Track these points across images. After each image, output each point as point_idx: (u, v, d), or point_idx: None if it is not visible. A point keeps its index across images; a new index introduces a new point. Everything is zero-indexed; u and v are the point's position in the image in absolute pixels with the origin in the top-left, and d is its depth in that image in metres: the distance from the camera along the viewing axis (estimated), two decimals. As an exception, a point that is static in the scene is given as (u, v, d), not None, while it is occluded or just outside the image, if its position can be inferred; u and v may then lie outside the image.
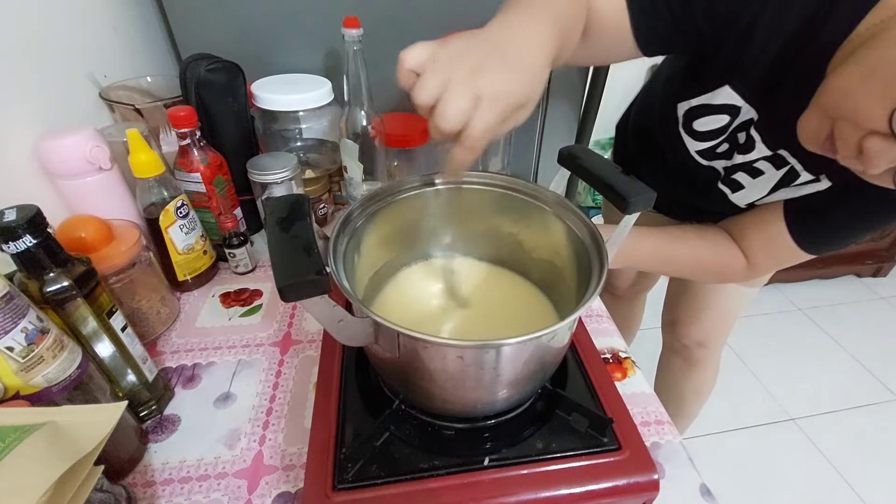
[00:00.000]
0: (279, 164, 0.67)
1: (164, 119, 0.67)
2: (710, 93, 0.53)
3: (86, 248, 0.49)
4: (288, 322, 0.62)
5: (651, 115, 0.67)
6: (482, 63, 0.34)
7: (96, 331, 0.43)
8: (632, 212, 0.40)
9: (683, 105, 0.57)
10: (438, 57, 0.34)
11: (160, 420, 0.50)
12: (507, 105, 0.34)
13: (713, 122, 0.55)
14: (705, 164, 0.61)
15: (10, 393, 0.36)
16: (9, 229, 0.36)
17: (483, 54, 0.34)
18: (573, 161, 0.45)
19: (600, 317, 0.64)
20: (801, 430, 1.39)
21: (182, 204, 0.59)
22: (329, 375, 0.47)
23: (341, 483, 0.38)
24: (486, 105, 0.33)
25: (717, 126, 0.55)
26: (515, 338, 0.34)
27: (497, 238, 0.54)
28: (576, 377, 0.49)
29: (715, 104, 0.54)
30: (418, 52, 0.35)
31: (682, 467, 0.47)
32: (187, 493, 0.44)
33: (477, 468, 0.40)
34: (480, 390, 0.40)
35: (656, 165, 0.70)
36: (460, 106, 0.32)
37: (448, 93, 0.33)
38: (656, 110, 0.64)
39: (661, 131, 0.64)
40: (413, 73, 0.35)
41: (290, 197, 0.38)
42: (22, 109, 0.55)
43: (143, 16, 0.83)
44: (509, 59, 0.35)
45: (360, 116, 0.70)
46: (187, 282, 0.65)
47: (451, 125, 0.33)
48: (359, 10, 0.80)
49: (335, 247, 0.41)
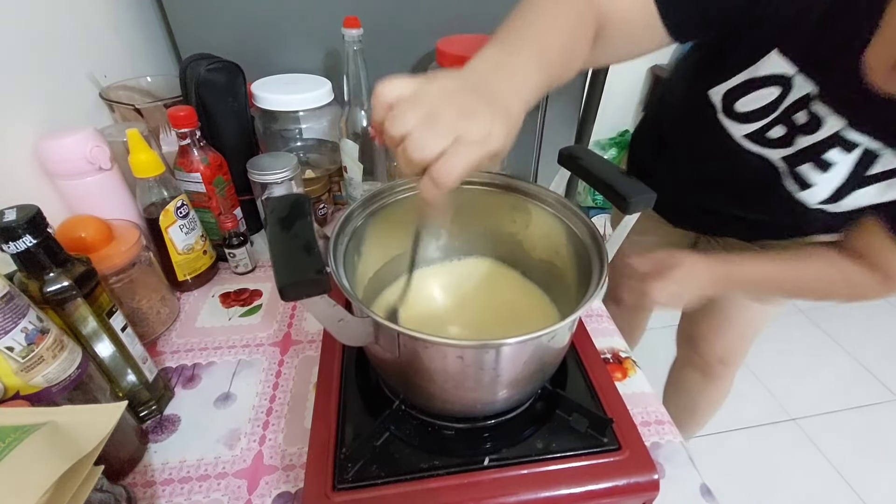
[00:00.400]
0: (279, 164, 0.67)
1: (164, 119, 0.67)
2: (753, 66, 0.49)
3: (86, 248, 0.49)
4: (288, 322, 0.62)
5: (676, 113, 0.63)
6: (470, 107, 0.33)
7: (96, 331, 0.43)
8: (632, 212, 0.40)
9: (719, 89, 0.53)
10: (422, 94, 0.33)
11: (160, 420, 0.50)
12: (487, 152, 0.33)
13: (759, 99, 0.50)
14: (756, 152, 0.54)
15: (10, 393, 0.36)
16: (9, 229, 0.36)
17: (471, 98, 0.33)
18: (573, 161, 0.45)
19: (600, 317, 0.64)
20: (802, 429, 1.39)
21: (182, 204, 0.59)
22: (329, 375, 0.47)
23: (341, 483, 0.38)
24: (467, 148, 0.32)
25: (765, 102, 0.50)
26: (515, 338, 0.34)
27: (497, 238, 0.54)
28: (576, 377, 0.48)
29: (760, 77, 0.49)
30: (398, 87, 0.33)
31: (683, 467, 0.47)
32: (187, 493, 0.44)
33: (477, 468, 0.40)
34: (480, 390, 0.40)
35: (681, 166, 0.66)
36: (440, 141, 0.31)
37: (428, 127, 0.31)
38: (684, 106, 0.60)
39: (693, 125, 0.59)
40: (389, 106, 0.33)
41: (290, 196, 0.38)
42: (22, 109, 0.55)
43: (143, 16, 0.83)
44: (496, 108, 0.34)
45: (360, 116, 0.70)
46: (187, 282, 0.65)
47: (425, 155, 0.31)
48: (359, 10, 0.80)
49: (335, 247, 0.41)
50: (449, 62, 0.74)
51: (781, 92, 0.49)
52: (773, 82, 0.49)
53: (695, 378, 0.96)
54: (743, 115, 0.52)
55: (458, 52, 0.72)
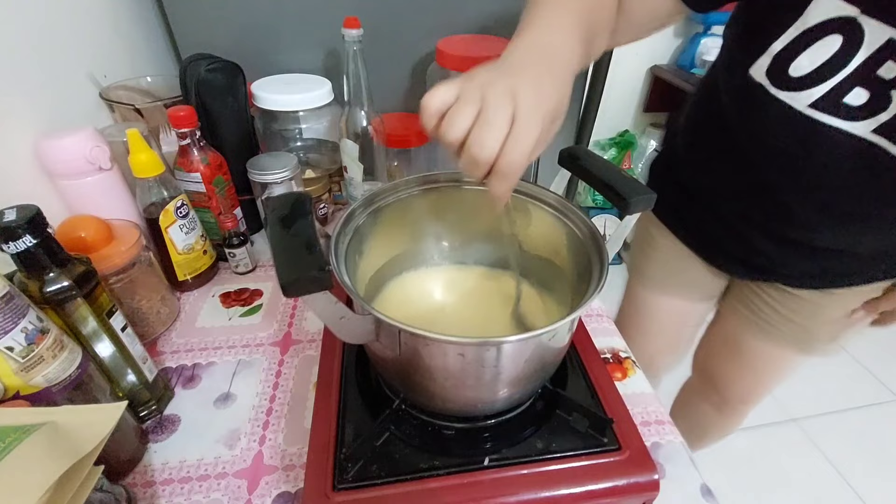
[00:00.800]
0: (279, 163, 0.67)
1: (164, 119, 0.67)
2: (800, 18, 0.40)
3: (86, 248, 0.49)
4: (288, 322, 0.62)
5: (721, 107, 0.53)
6: (515, 83, 0.31)
7: (96, 331, 0.43)
8: (632, 212, 0.40)
9: (762, 62, 0.44)
10: (467, 93, 0.31)
11: (160, 420, 0.50)
12: (546, 112, 0.31)
13: (818, 54, 0.40)
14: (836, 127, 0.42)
15: (10, 393, 0.36)
16: (9, 229, 0.36)
17: (513, 76, 0.32)
18: (573, 161, 0.45)
19: (600, 317, 0.64)
20: (802, 430, 1.39)
21: (182, 204, 0.59)
22: (329, 375, 0.47)
23: (341, 483, 0.38)
24: (524, 118, 0.30)
25: (828, 56, 0.40)
26: (516, 335, 0.34)
27: (497, 238, 0.54)
28: (576, 377, 0.48)
29: (812, 27, 0.40)
30: (442, 94, 0.32)
31: (683, 467, 0.47)
32: (187, 493, 0.44)
33: (477, 468, 0.40)
34: (481, 389, 0.40)
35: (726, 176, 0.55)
36: (498, 133, 0.30)
37: (482, 122, 0.30)
38: (729, 98, 0.51)
39: (745, 113, 0.49)
40: (439, 114, 0.32)
41: (291, 195, 0.38)
42: (22, 109, 0.55)
43: (143, 16, 0.83)
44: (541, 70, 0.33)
45: (360, 116, 0.70)
46: (187, 282, 0.65)
47: (487, 153, 0.30)
48: (359, 10, 0.80)
49: (337, 245, 0.41)
50: (449, 62, 0.74)
51: (845, 41, 0.38)
52: (832, 29, 0.39)
53: (709, 412, 0.91)
54: (802, 80, 0.42)
55: (459, 53, 0.72)
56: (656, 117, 1.92)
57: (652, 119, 1.93)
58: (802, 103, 0.42)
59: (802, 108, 0.42)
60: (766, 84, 0.44)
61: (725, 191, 0.56)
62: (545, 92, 0.32)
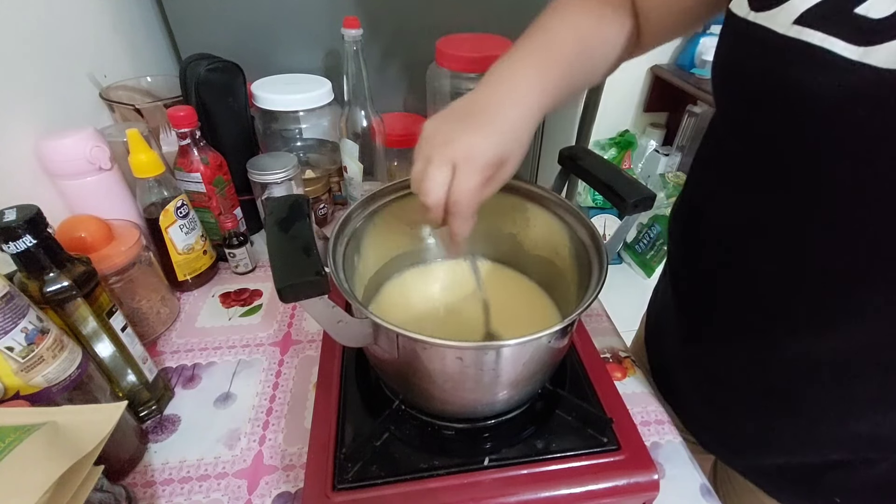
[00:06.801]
0: (279, 164, 0.67)
1: (164, 119, 0.67)
2: None
3: (86, 248, 0.49)
4: (288, 322, 0.62)
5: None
6: (453, 131, 0.35)
7: (96, 331, 0.43)
8: (632, 212, 0.40)
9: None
10: (421, 140, 0.35)
11: (160, 420, 0.50)
12: (482, 164, 0.34)
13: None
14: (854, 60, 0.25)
15: (10, 393, 0.36)
16: (9, 229, 0.36)
17: (456, 121, 0.36)
18: (573, 161, 0.45)
19: (600, 316, 0.64)
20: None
21: (182, 204, 0.59)
22: (329, 375, 0.47)
23: (341, 483, 0.38)
24: (461, 169, 0.34)
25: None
26: (515, 339, 0.34)
27: (497, 238, 0.54)
28: (576, 377, 0.48)
29: None
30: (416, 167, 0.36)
31: (683, 467, 0.47)
32: (187, 493, 0.44)
33: (477, 468, 0.40)
34: (480, 391, 0.40)
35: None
36: (437, 178, 0.33)
37: (426, 170, 0.34)
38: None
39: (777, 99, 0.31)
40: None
41: (289, 197, 0.38)
42: (22, 109, 0.55)
43: (143, 16, 0.83)
44: (481, 120, 0.35)
45: (360, 116, 0.70)
46: (187, 282, 0.65)
47: (433, 198, 0.34)
48: (359, 10, 0.80)
49: (335, 247, 0.41)
50: (449, 62, 0.74)
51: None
52: None
53: None
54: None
55: (459, 53, 0.72)
56: (656, 117, 1.92)
57: (652, 119, 1.93)
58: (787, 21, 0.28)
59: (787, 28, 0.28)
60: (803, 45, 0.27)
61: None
62: (481, 146, 0.34)
